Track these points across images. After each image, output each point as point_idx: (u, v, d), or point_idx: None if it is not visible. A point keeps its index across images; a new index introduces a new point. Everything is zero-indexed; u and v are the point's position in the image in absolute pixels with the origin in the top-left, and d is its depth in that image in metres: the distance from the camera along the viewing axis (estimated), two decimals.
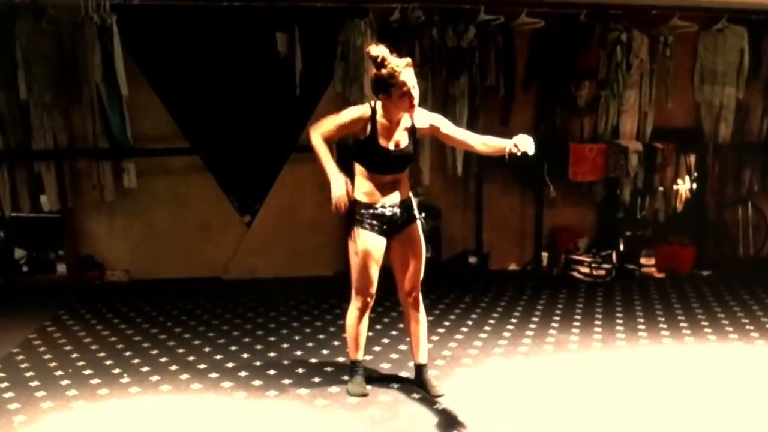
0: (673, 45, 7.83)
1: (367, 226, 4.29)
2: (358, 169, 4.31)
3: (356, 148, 4.31)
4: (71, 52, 7.01)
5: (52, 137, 7.10)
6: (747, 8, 7.70)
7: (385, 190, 4.30)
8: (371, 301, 4.47)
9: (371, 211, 4.29)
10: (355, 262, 4.35)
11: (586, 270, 7.64)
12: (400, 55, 4.14)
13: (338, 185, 4.19)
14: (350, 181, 4.28)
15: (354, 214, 4.32)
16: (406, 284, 4.49)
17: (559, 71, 7.67)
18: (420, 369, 4.63)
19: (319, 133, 4.23)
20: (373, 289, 4.41)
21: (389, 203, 4.31)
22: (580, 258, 7.75)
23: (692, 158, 8.17)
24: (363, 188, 4.29)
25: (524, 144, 4.06)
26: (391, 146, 4.23)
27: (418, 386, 4.63)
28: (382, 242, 4.34)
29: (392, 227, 4.34)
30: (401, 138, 4.26)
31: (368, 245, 4.29)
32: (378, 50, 4.09)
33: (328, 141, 4.27)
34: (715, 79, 8.05)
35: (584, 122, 7.96)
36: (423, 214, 4.57)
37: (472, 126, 7.24)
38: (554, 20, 7.56)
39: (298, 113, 7.38)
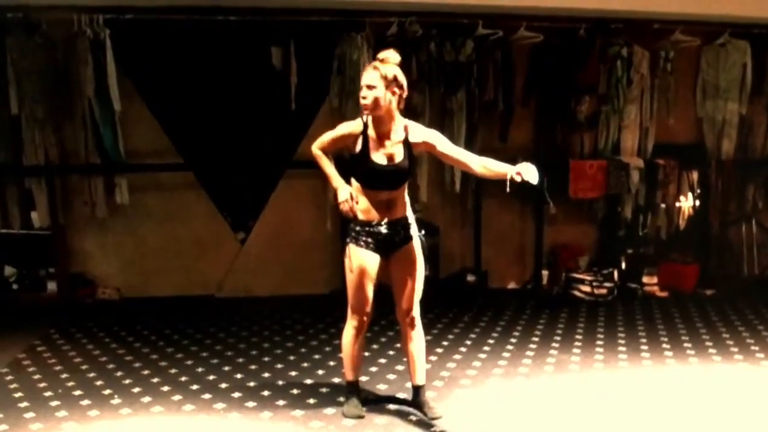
0: (674, 60, 7.78)
1: (362, 243, 4.25)
2: (355, 185, 4.28)
3: (351, 163, 4.29)
4: (63, 67, 6.95)
5: (44, 153, 7.01)
6: (750, 23, 7.62)
7: (381, 207, 4.25)
8: (367, 320, 4.41)
9: (367, 228, 4.25)
10: (350, 279, 4.31)
11: (587, 289, 7.54)
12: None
13: (343, 191, 4.22)
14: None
15: (349, 231, 4.30)
16: (403, 303, 4.41)
17: (558, 86, 7.59)
18: (417, 390, 4.53)
19: (317, 145, 4.32)
20: (369, 308, 4.36)
21: (385, 221, 4.25)
22: (581, 276, 7.66)
23: (695, 175, 8.05)
24: (359, 205, 4.24)
25: (527, 173, 4.01)
26: (384, 161, 4.19)
27: (415, 408, 4.55)
28: (377, 260, 4.28)
29: (388, 245, 4.29)
30: (395, 152, 4.21)
31: (363, 263, 4.23)
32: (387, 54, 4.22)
33: (325, 153, 4.33)
34: (718, 94, 7.98)
35: (584, 138, 7.88)
36: (423, 232, 4.48)
37: (471, 141, 7.25)
38: (554, 34, 7.50)
39: (293, 128, 7.32)
